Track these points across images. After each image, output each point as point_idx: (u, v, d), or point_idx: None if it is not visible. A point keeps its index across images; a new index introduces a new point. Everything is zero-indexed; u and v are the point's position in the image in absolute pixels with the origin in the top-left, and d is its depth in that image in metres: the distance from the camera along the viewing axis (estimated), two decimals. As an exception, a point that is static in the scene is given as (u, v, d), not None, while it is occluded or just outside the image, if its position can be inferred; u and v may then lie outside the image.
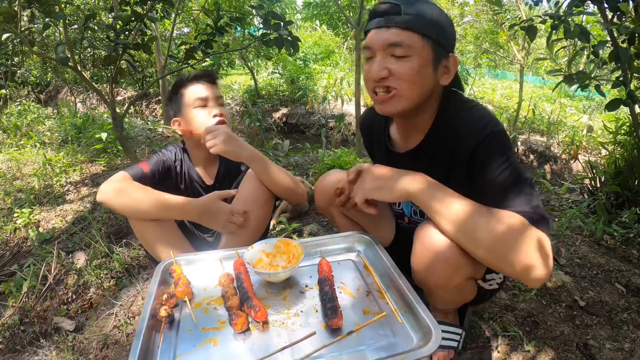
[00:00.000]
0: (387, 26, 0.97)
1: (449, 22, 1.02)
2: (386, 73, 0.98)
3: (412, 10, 0.97)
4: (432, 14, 0.98)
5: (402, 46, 0.96)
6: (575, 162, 5.12)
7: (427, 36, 0.96)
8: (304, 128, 7.92)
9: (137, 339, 0.89)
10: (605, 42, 1.92)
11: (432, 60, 0.98)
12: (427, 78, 0.99)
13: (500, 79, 12.53)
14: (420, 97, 1.01)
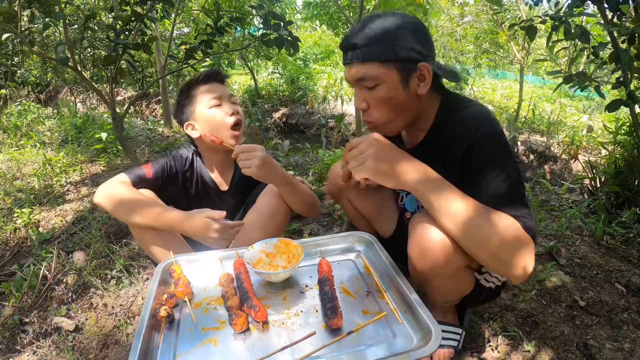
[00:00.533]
0: (350, 62, 1.02)
1: (413, 29, 0.99)
2: (365, 105, 1.05)
3: (364, 40, 0.98)
4: (387, 35, 0.97)
5: (367, 79, 1.00)
6: (575, 162, 5.12)
7: (386, 61, 0.98)
8: (304, 128, 7.92)
9: (137, 339, 0.89)
10: (606, 43, 1.92)
11: (399, 80, 0.99)
12: (400, 98, 1.02)
13: (500, 79, 12.54)
14: (402, 115, 1.05)
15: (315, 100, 8.21)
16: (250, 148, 1.24)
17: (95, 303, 1.56)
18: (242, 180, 1.50)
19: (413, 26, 1.00)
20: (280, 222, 1.40)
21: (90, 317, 1.49)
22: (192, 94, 1.41)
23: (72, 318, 1.48)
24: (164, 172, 1.40)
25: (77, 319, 1.48)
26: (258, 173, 1.23)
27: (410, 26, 1.00)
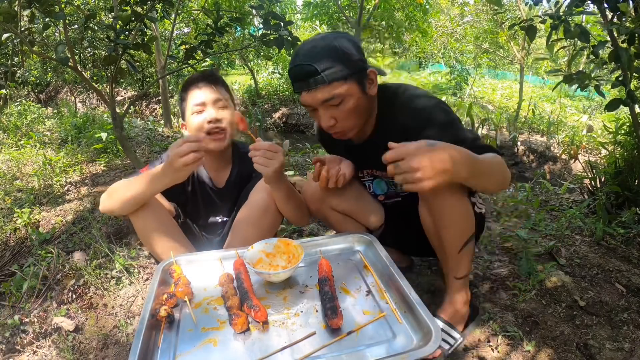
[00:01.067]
0: (314, 88, 1.10)
1: (353, 43, 1.13)
2: (333, 122, 1.15)
3: (325, 64, 1.08)
4: (340, 54, 1.09)
5: (335, 98, 1.11)
6: (575, 162, 5.12)
7: (347, 76, 1.10)
8: (304, 128, 7.92)
9: (137, 339, 0.89)
10: (605, 42, 1.92)
11: (359, 89, 1.13)
12: (364, 104, 1.16)
13: (500, 79, 12.54)
14: (365, 117, 1.21)
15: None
16: (275, 148, 1.21)
17: (95, 303, 1.56)
18: (238, 179, 1.52)
19: (350, 41, 1.14)
20: (273, 218, 1.39)
21: (90, 317, 1.49)
22: (184, 96, 1.45)
23: (72, 318, 1.48)
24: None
25: (77, 319, 1.48)
26: (273, 175, 1.21)
27: (349, 42, 1.13)
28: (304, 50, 1.13)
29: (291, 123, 8.10)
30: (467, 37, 9.28)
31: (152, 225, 1.31)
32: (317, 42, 1.13)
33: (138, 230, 1.33)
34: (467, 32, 9.26)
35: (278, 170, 1.20)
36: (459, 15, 9.48)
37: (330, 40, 1.12)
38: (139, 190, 1.24)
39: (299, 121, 8.04)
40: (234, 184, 1.51)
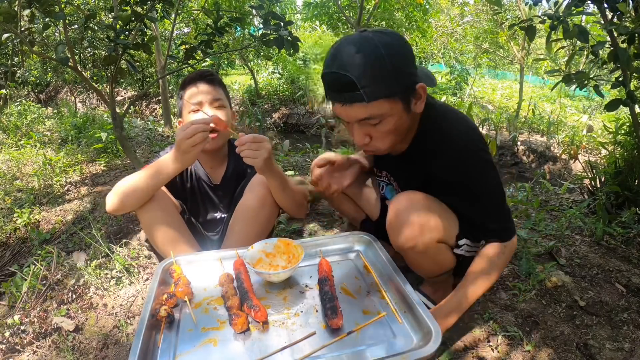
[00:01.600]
0: (351, 103, 0.95)
1: (404, 50, 0.96)
2: (368, 140, 1.05)
3: (367, 79, 0.91)
4: (385, 67, 0.91)
5: (373, 118, 0.97)
6: (575, 162, 5.12)
7: (391, 95, 0.94)
8: (304, 128, 7.92)
9: (137, 339, 0.89)
10: (604, 42, 1.92)
11: (403, 108, 0.98)
12: (404, 124, 1.03)
13: (500, 79, 12.54)
14: (403, 136, 1.10)
15: (315, 100, 8.21)
16: (260, 138, 1.20)
17: (95, 303, 1.56)
18: (234, 175, 1.54)
19: (401, 46, 0.95)
20: (270, 211, 1.40)
21: (90, 317, 1.49)
22: (181, 94, 1.46)
23: (72, 318, 1.48)
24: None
25: (77, 319, 1.48)
26: (262, 165, 1.21)
27: (400, 48, 0.95)
28: (343, 53, 0.93)
29: (291, 123, 8.10)
30: (467, 37, 9.28)
31: (159, 218, 1.32)
32: (362, 46, 0.92)
33: (144, 223, 1.35)
34: (467, 32, 9.26)
35: (267, 158, 1.20)
36: (459, 15, 9.48)
37: (378, 46, 0.91)
38: (148, 181, 1.26)
39: (299, 121, 8.04)
40: (230, 180, 1.54)
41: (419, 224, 1.06)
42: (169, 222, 1.34)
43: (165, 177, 1.27)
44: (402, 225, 1.08)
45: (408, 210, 1.07)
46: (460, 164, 1.05)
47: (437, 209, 1.10)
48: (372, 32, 0.95)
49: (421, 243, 1.08)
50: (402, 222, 1.07)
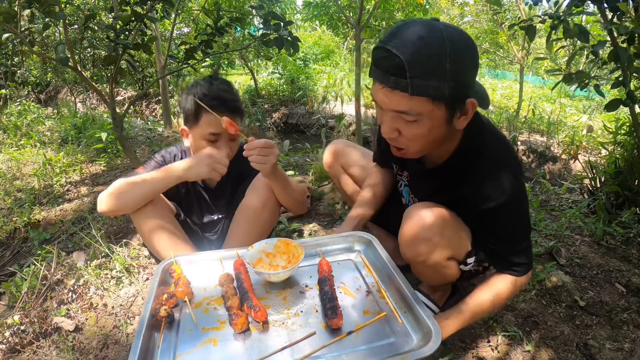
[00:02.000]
0: (393, 88, 0.85)
1: (469, 59, 0.85)
2: (396, 135, 0.95)
3: (419, 69, 0.81)
4: (444, 65, 0.81)
5: (410, 114, 0.88)
6: (575, 162, 5.12)
7: (438, 97, 0.85)
8: (304, 128, 7.92)
9: (137, 339, 0.89)
10: (604, 41, 1.92)
11: (445, 117, 0.89)
12: (440, 134, 0.94)
13: (500, 79, 12.54)
14: (434, 145, 0.99)
15: (315, 100, 8.21)
16: (270, 144, 1.21)
17: (95, 303, 1.56)
18: (230, 179, 1.52)
19: (469, 51, 0.85)
20: (272, 213, 1.43)
21: (90, 317, 1.49)
22: (198, 112, 1.33)
23: (72, 318, 1.48)
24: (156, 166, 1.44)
25: (77, 319, 1.48)
26: (270, 171, 1.25)
27: (468, 51, 0.85)
28: (405, 33, 0.83)
29: (291, 123, 8.10)
30: (467, 37, 9.27)
31: (154, 222, 1.33)
32: (428, 34, 0.81)
33: (139, 227, 1.35)
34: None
35: (275, 164, 1.24)
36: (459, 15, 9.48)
37: (446, 41, 0.81)
38: (152, 187, 1.28)
39: (299, 121, 8.04)
40: (226, 184, 1.54)
41: (431, 242, 1.03)
42: (164, 226, 1.34)
43: (170, 183, 1.31)
44: (415, 241, 1.05)
45: (423, 225, 1.03)
46: (496, 194, 0.99)
47: (452, 224, 1.07)
48: (445, 26, 0.84)
49: (431, 259, 1.07)
50: (415, 237, 1.04)
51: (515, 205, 1.03)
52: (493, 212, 1.02)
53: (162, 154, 1.51)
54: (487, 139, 1.03)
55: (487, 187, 1.01)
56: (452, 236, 1.07)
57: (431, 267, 1.11)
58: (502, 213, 1.02)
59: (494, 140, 1.05)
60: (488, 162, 1.02)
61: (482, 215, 1.05)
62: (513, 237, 1.08)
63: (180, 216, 1.48)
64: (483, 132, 1.03)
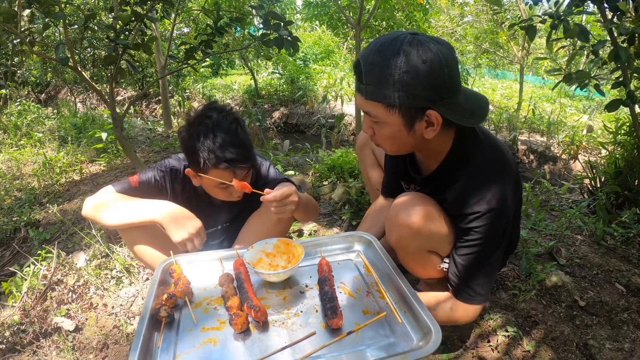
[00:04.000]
0: (358, 91, 0.98)
1: (428, 72, 0.89)
2: (371, 132, 1.05)
3: (373, 78, 0.92)
4: (392, 76, 0.89)
5: (370, 114, 0.98)
6: (575, 162, 5.12)
7: (390, 104, 0.93)
8: (304, 128, 7.92)
9: (137, 339, 0.89)
10: (605, 41, 1.92)
11: (402, 124, 0.96)
12: (404, 138, 1.00)
13: (500, 79, 12.55)
14: (407, 148, 1.08)
15: (315, 100, 8.21)
16: (285, 195, 1.15)
17: (95, 303, 1.56)
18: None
19: (427, 66, 0.88)
20: (285, 228, 1.46)
21: (90, 317, 1.49)
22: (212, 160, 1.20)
23: (72, 318, 1.48)
24: (150, 184, 1.35)
25: (77, 319, 1.48)
26: (290, 215, 1.25)
27: (424, 67, 0.88)
28: (374, 44, 0.94)
29: (291, 123, 8.10)
30: (467, 37, 9.28)
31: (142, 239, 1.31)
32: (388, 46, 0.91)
33: (127, 243, 1.35)
34: (467, 32, 9.26)
35: (295, 211, 1.21)
36: (459, 15, 9.48)
37: (400, 54, 0.88)
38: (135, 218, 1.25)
39: (299, 121, 8.04)
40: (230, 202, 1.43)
41: (412, 228, 1.06)
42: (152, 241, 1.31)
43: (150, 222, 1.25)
44: (397, 225, 1.08)
45: (408, 211, 1.07)
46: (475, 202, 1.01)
47: (438, 220, 1.08)
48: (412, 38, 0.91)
49: (411, 247, 1.10)
50: (398, 222, 1.08)
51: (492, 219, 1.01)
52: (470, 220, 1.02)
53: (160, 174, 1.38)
54: (474, 148, 1.06)
55: (468, 195, 1.03)
56: (435, 230, 1.07)
57: (410, 255, 1.14)
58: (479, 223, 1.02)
59: (486, 149, 1.06)
60: (473, 170, 1.04)
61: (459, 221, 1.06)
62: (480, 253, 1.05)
63: None
64: (472, 142, 1.06)
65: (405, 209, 1.08)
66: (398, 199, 1.13)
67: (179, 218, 1.24)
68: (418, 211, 1.06)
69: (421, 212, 1.06)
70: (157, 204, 1.27)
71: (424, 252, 1.12)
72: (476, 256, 1.06)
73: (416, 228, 1.05)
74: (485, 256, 1.06)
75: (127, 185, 1.32)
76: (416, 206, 1.07)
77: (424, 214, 1.06)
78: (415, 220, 1.05)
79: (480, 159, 1.05)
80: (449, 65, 0.91)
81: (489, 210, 1.00)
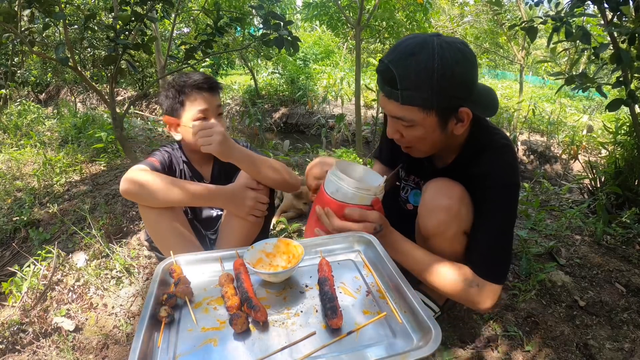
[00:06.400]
0: (388, 97, 0.98)
1: (460, 71, 0.93)
2: (398, 136, 1.07)
3: (407, 83, 0.93)
4: (431, 80, 0.91)
5: (404, 120, 0.99)
6: (575, 162, 5.12)
7: (428, 106, 0.95)
8: (304, 128, 7.93)
9: (137, 339, 0.89)
10: (607, 44, 1.92)
11: (437, 124, 0.99)
12: (436, 138, 1.04)
13: (500, 79, 12.56)
14: (436, 148, 1.10)
15: (315, 100, 8.21)
16: (209, 125, 1.25)
17: (95, 303, 1.56)
18: (222, 173, 1.56)
19: (460, 66, 0.93)
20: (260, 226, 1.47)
21: (90, 317, 1.49)
22: (182, 98, 1.41)
23: (72, 318, 1.48)
24: (165, 163, 1.46)
25: (77, 319, 1.48)
26: (219, 149, 1.24)
27: (458, 67, 0.93)
28: (400, 48, 0.95)
29: (291, 123, 8.11)
30: (467, 37, 9.29)
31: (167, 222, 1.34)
32: (420, 50, 0.92)
33: (150, 223, 1.36)
34: (467, 32, 9.27)
35: (222, 142, 1.24)
36: (459, 15, 9.48)
37: (435, 57, 0.91)
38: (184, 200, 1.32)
39: (299, 121, 8.04)
40: (219, 177, 1.55)
41: (452, 210, 1.07)
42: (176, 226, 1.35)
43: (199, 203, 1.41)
44: (437, 208, 1.08)
45: (445, 193, 1.08)
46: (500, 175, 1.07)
47: (468, 200, 1.11)
48: (440, 40, 0.93)
49: (450, 230, 1.10)
50: (437, 205, 1.08)
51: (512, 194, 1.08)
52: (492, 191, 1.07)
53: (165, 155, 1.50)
54: (490, 134, 1.12)
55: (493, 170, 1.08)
56: (468, 210, 1.10)
57: (448, 240, 1.13)
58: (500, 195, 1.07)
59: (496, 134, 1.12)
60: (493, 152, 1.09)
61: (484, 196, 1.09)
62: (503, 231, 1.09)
63: (188, 214, 1.50)
64: (485, 129, 1.12)
65: (440, 193, 1.09)
66: (428, 185, 1.14)
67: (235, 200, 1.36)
68: (454, 193, 1.08)
69: (457, 194, 1.08)
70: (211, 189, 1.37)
71: (460, 234, 1.13)
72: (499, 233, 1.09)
73: (455, 209, 1.07)
74: (507, 233, 1.10)
75: (153, 164, 1.39)
76: (450, 189, 1.09)
77: (460, 195, 1.08)
78: (453, 202, 1.07)
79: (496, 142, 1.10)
80: (474, 64, 0.97)
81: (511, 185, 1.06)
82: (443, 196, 1.08)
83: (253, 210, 1.37)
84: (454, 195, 1.08)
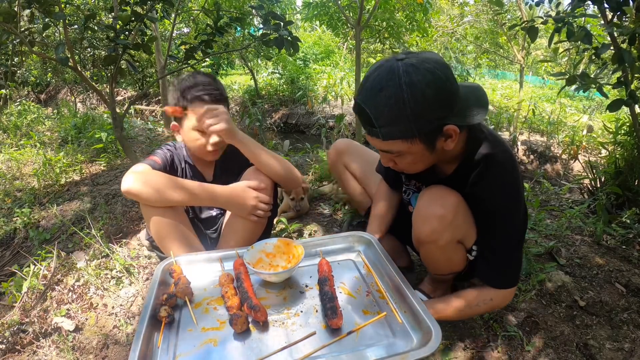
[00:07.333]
0: (370, 135, 0.99)
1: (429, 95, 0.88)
2: (392, 164, 1.08)
3: (383, 120, 0.91)
4: (405, 111, 0.88)
5: (391, 152, 1.01)
6: (575, 162, 5.12)
7: (409, 136, 0.94)
8: (304, 128, 7.92)
9: (137, 339, 0.89)
10: (609, 44, 1.92)
11: (425, 149, 0.98)
12: (426, 159, 1.03)
13: (500, 79, 12.56)
14: (432, 164, 1.09)
15: (315, 100, 8.21)
16: (212, 107, 1.27)
17: (95, 303, 1.56)
18: (223, 172, 1.57)
19: (432, 88, 0.88)
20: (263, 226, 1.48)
21: (90, 317, 1.49)
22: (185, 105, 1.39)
23: (72, 318, 1.48)
24: (166, 162, 1.47)
25: (77, 319, 1.48)
26: (226, 127, 1.27)
27: (429, 89, 0.88)
28: (368, 85, 0.93)
29: (291, 123, 8.10)
30: (467, 37, 9.28)
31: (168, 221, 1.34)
32: (387, 83, 0.89)
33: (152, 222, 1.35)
34: (467, 32, 9.27)
35: (229, 121, 1.28)
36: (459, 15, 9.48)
37: (403, 86, 0.87)
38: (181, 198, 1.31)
39: (299, 121, 8.04)
40: (221, 177, 1.56)
41: (446, 219, 1.07)
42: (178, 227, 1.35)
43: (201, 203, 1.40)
44: (431, 216, 1.09)
45: (439, 202, 1.08)
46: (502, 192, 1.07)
47: (464, 209, 1.11)
48: (406, 65, 0.89)
49: (444, 239, 1.10)
50: (431, 213, 1.09)
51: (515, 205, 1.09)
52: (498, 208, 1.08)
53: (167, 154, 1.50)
54: (489, 143, 1.10)
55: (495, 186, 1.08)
56: (463, 219, 1.10)
57: (442, 249, 1.13)
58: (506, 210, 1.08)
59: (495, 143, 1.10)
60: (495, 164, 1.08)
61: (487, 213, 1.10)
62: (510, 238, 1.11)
63: (189, 213, 1.51)
64: (484, 139, 1.09)
65: (434, 202, 1.09)
66: (424, 192, 1.14)
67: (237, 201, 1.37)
68: (448, 202, 1.08)
69: (451, 203, 1.08)
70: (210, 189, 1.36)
71: (454, 243, 1.13)
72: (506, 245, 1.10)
73: (449, 218, 1.07)
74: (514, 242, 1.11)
75: (154, 163, 1.39)
76: (445, 197, 1.09)
77: (454, 204, 1.08)
78: (447, 212, 1.07)
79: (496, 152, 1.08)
80: (448, 77, 0.91)
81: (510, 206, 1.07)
82: (437, 205, 1.08)
83: (255, 210, 1.37)
84: (449, 205, 1.08)
